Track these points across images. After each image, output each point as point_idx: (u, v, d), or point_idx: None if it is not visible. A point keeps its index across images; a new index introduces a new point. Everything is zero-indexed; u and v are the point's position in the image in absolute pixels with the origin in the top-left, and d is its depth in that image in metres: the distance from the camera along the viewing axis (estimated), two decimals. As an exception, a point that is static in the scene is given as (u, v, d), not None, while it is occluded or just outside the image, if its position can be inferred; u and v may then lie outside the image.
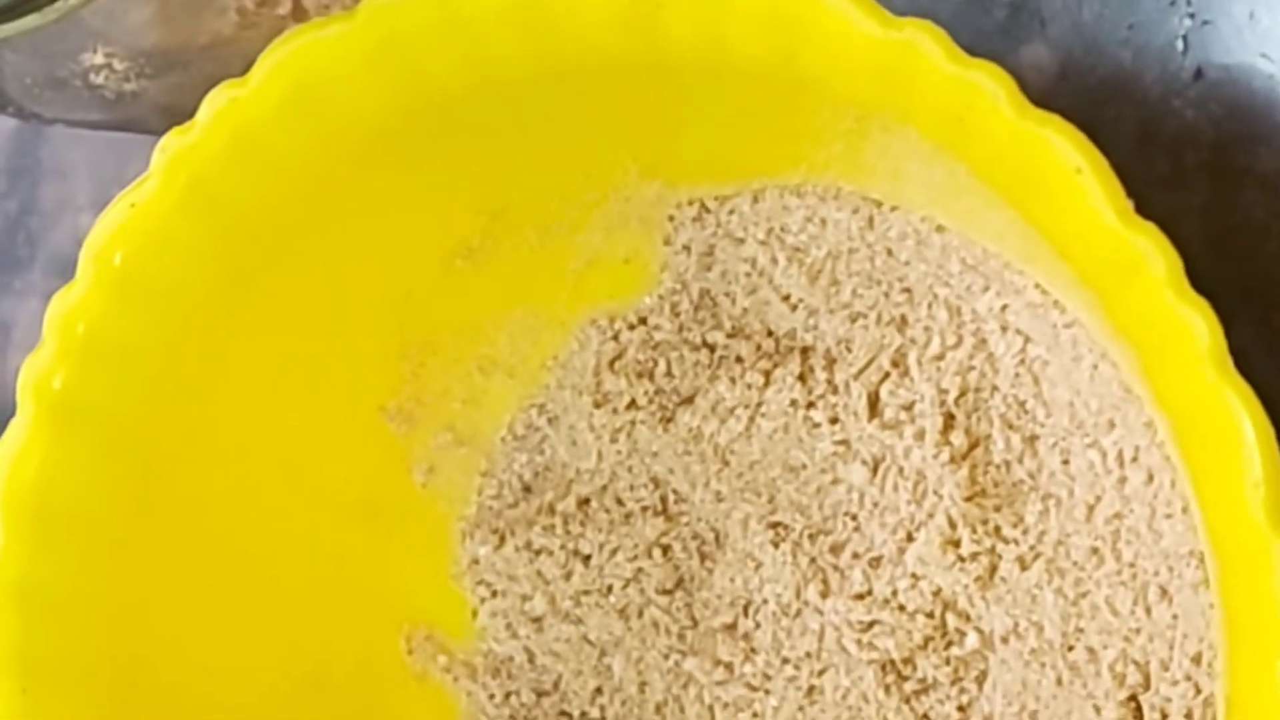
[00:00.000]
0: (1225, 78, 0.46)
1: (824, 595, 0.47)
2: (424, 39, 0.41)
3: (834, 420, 0.47)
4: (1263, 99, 0.45)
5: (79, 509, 0.43)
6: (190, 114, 0.42)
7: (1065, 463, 0.45)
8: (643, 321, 0.49)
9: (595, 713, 0.49)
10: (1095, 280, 0.39)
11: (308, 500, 0.48)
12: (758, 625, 0.48)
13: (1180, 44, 0.46)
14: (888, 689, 0.46)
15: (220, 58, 0.44)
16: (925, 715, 0.46)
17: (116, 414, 0.43)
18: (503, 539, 0.50)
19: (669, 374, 0.49)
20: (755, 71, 0.41)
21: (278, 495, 0.48)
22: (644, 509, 0.49)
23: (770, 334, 0.48)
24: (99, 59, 0.44)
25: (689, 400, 0.49)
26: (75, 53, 0.44)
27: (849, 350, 0.47)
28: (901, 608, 0.46)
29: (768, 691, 0.48)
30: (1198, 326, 0.36)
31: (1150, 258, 0.37)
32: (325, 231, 0.45)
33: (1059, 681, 0.44)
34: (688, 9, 0.40)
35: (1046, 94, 0.47)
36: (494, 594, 0.50)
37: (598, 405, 0.50)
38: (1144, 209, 0.37)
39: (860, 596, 0.46)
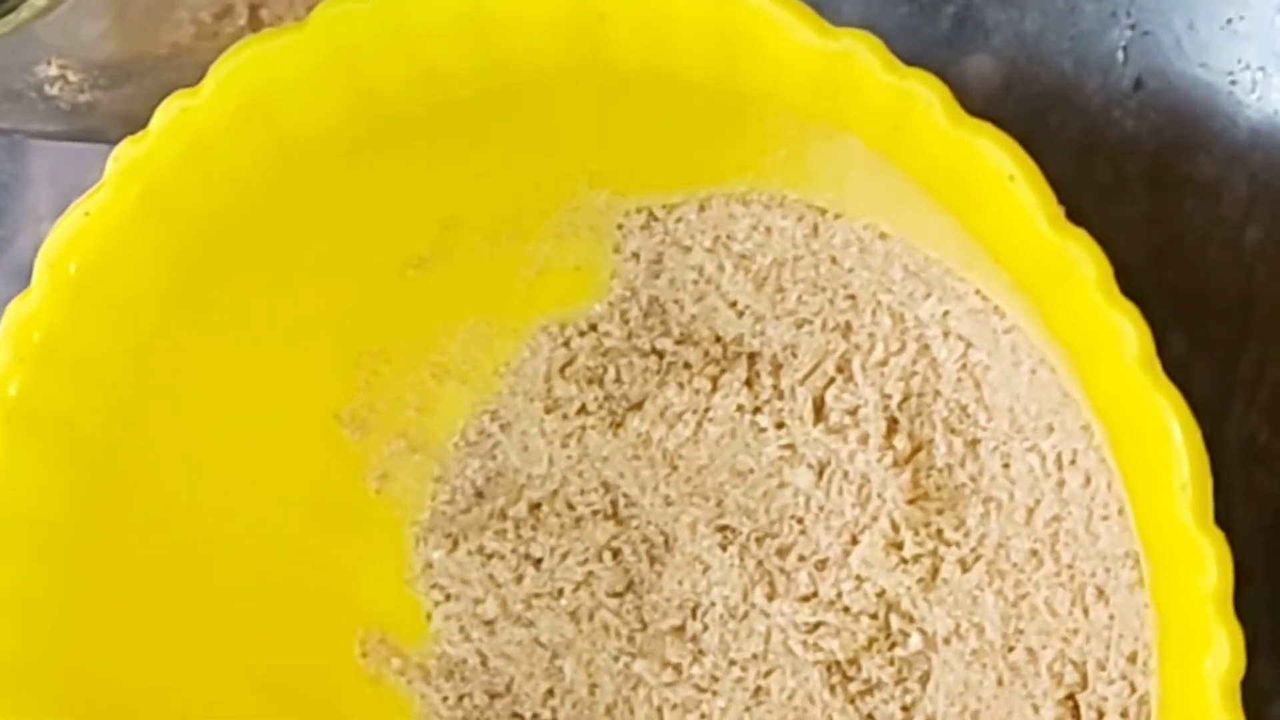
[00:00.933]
0: (1165, 87, 0.46)
1: (770, 597, 0.47)
2: (373, 51, 0.41)
3: (780, 425, 0.48)
4: (1202, 108, 0.46)
5: (34, 514, 0.43)
6: (148, 124, 0.42)
7: (1006, 466, 0.45)
8: (593, 328, 0.50)
9: (547, 714, 0.50)
10: (1030, 286, 0.39)
11: (263, 506, 0.49)
12: (706, 627, 0.48)
13: (1121, 54, 0.46)
14: (833, 689, 0.46)
15: (178, 68, 0.45)
16: (870, 715, 0.46)
17: (72, 421, 0.44)
18: (455, 543, 0.50)
19: (618, 380, 0.49)
20: (699, 82, 0.42)
21: (233, 501, 0.48)
22: (594, 513, 0.49)
23: (718, 340, 0.49)
24: (53, 71, 0.44)
25: (638, 406, 0.49)
26: (29, 65, 0.44)
27: (795, 356, 0.48)
28: (846, 609, 0.46)
29: (715, 693, 0.48)
30: (1126, 331, 0.37)
31: (1080, 263, 0.37)
32: (279, 241, 0.45)
33: (1000, 682, 0.45)
34: (631, 22, 0.40)
35: (991, 104, 0.48)
36: (447, 597, 0.50)
37: (549, 411, 0.50)
38: (1086, 218, 0.38)
39: (806, 598, 0.47)
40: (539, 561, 0.50)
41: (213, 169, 0.43)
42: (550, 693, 0.50)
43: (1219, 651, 0.36)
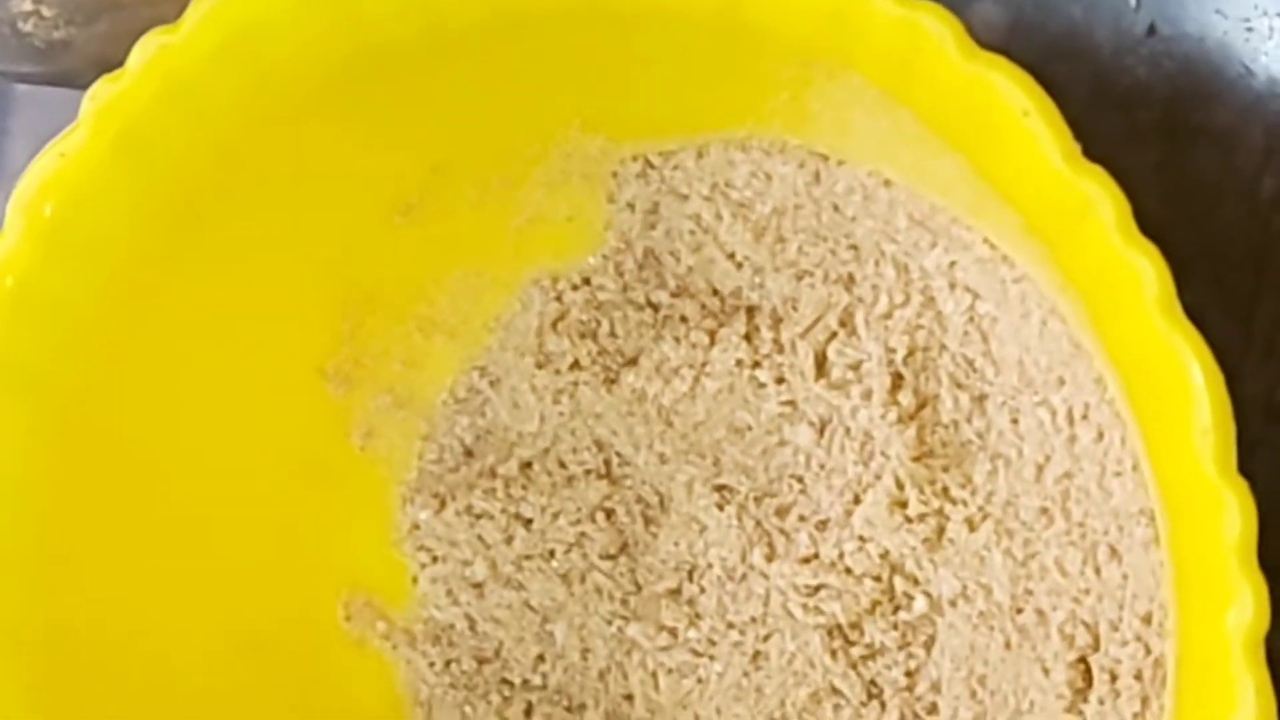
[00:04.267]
0: (1179, 34, 0.45)
1: (770, 559, 0.46)
2: (362, -18, 0.40)
3: (780, 380, 0.47)
4: (1217, 55, 0.45)
5: (8, 466, 0.42)
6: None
7: (1014, 421, 0.44)
8: (586, 281, 0.49)
9: (537, 680, 0.49)
10: (1043, 227, 0.38)
11: (243, 462, 0.48)
12: (702, 590, 0.47)
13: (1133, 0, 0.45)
14: (834, 654, 0.45)
15: (155, 3, 0.44)
16: (872, 680, 0.45)
17: (47, 368, 0.42)
18: (443, 503, 0.49)
19: (612, 334, 0.48)
20: (698, 18, 0.40)
21: (213, 456, 0.47)
22: (587, 472, 0.49)
23: (715, 293, 0.48)
24: (27, 5, 0.44)
25: (633, 361, 0.48)
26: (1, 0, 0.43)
27: (795, 309, 0.47)
28: (848, 571, 0.45)
29: (712, 657, 0.47)
30: (1145, 271, 0.36)
31: (1098, 202, 0.36)
32: (260, 183, 0.44)
33: (1008, 644, 0.44)
34: (628, -47, 0.40)
35: (996, 51, 0.46)
36: (434, 559, 0.49)
37: (540, 367, 0.49)
38: (1096, 164, 0.36)
39: (806, 560, 0.46)
40: (529, 522, 0.49)
41: (192, 108, 0.42)
42: (541, 658, 0.49)
43: (1242, 604, 0.34)
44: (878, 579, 0.45)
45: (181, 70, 0.41)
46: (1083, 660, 0.42)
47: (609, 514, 0.48)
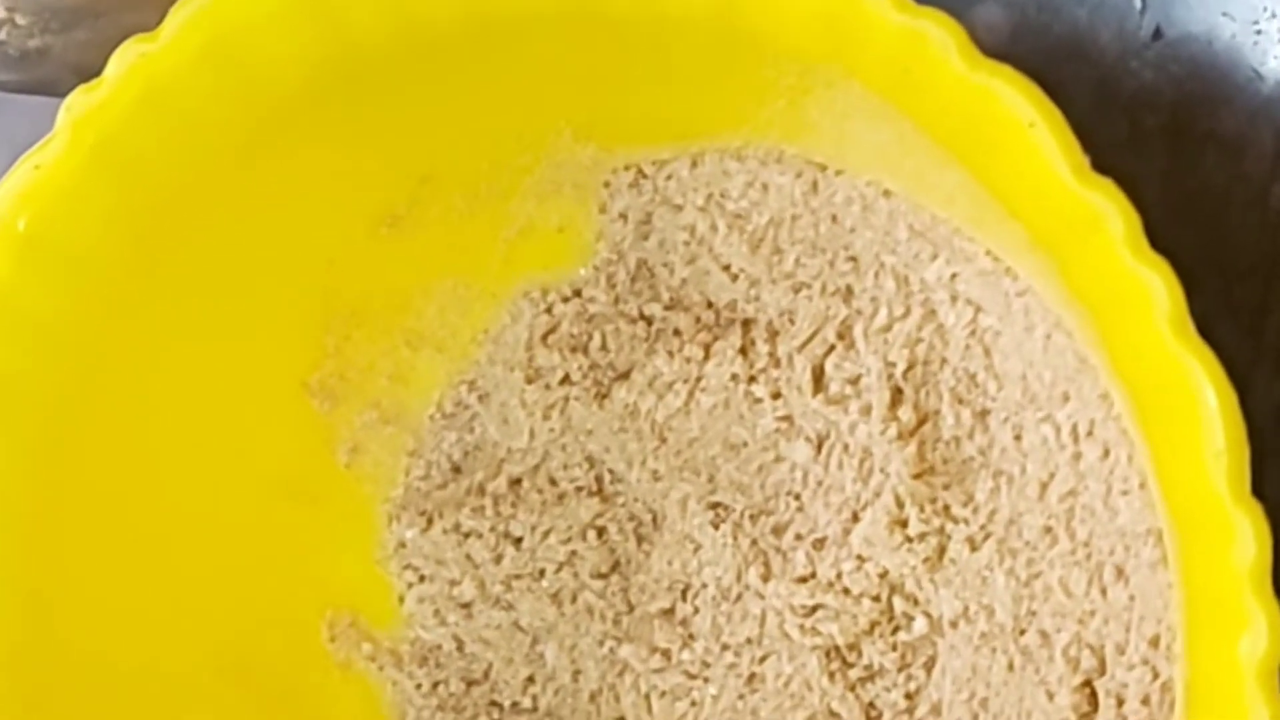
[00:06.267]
0: (1185, 37, 0.45)
1: (765, 579, 0.46)
2: (345, -14, 0.40)
3: (776, 395, 0.46)
4: (1225, 59, 0.44)
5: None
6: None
7: (1017, 438, 0.43)
8: (577, 293, 0.48)
9: (527, 702, 0.48)
10: (1049, 241, 0.37)
11: (225, 478, 0.47)
12: (696, 610, 0.47)
13: (1139, 2, 0.45)
14: (832, 676, 0.45)
15: (135, 9, 0.43)
16: (871, 703, 0.45)
17: (22, 383, 0.42)
18: (430, 521, 0.49)
19: (604, 348, 0.48)
20: (693, 22, 0.40)
21: (194, 472, 0.46)
22: (578, 489, 0.48)
23: (710, 305, 0.47)
24: (1, 13, 0.43)
25: (625, 375, 0.48)
26: (-27, 8, 0.42)
27: (792, 322, 0.46)
28: (846, 591, 0.45)
29: (706, 679, 0.46)
30: (1156, 287, 0.35)
31: (1107, 215, 0.35)
32: (242, 195, 0.43)
33: (1010, 667, 0.43)
34: (620, -44, 0.39)
35: (999, 55, 0.45)
36: (421, 579, 0.49)
37: (530, 381, 0.48)
38: (1101, 172, 0.36)
39: (803, 580, 0.45)
40: (519, 540, 0.48)
41: (172, 119, 0.41)
42: (531, 679, 0.48)
43: (1256, 633, 0.34)
44: (876, 599, 0.45)
45: (161, 79, 0.40)
46: (1088, 684, 0.42)
47: (600, 532, 0.48)
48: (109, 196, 0.41)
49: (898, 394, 0.45)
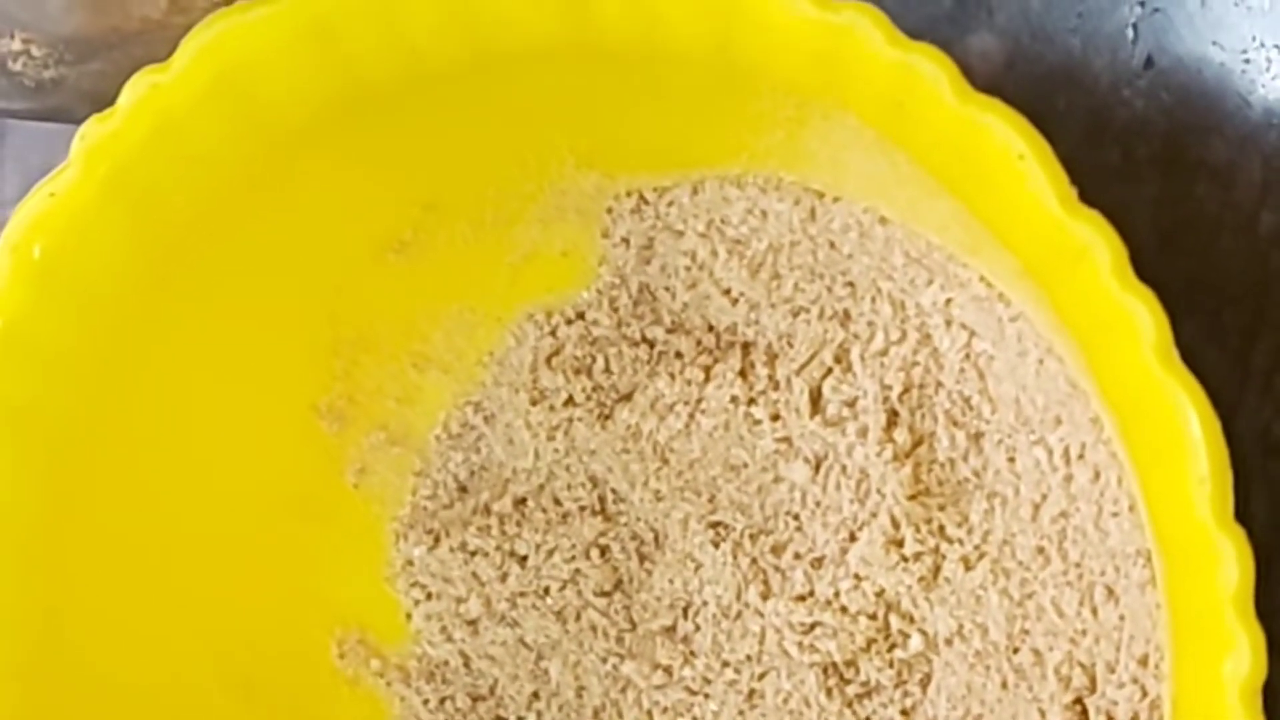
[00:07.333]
0: (1177, 66, 0.45)
1: (765, 597, 0.46)
2: (350, 22, 0.40)
3: (775, 417, 0.46)
4: (1215, 88, 0.44)
5: (-1, 506, 0.42)
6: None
7: (1011, 460, 0.44)
8: (580, 316, 0.48)
9: (532, 718, 0.49)
10: (1039, 270, 0.38)
11: (236, 500, 0.47)
12: (697, 628, 0.47)
13: (1130, 32, 0.45)
14: (830, 692, 0.45)
15: (147, 43, 0.44)
16: (868, 719, 0.45)
17: (34, 412, 0.42)
18: (437, 540, 0.49)
19: (607, 370, 0.48)
20: (692, 57, 0.40)
21: (205, 495, 0.47)
22: (582, 509, 0.48)
23: (711, 329, 0.47)
24: (17, 45, 0.43)
25: (627, 397, 0.48)
26: (-8, 39, 0.43)
27: (791, 345, 0.46)
28: (844, 609, 0.45)
29: (707, 695, 0.47)
30: (1142, 317, 0.35)
31: (1094, 246, 0.36)
32: (252, 223, 0.44)
33: (1004, 684, 0.43)
34: (619, -9, 0.39)
35: (993, 84, 0.46)
36: (428, 596, 0.49)
37: (534, 402, 0.49)
38: (1093, 201, 0.36)
39: (802, 598, 0.46)
40: (524, 559, 0.48)
41: (183, 148, 0.41)
42: (535, 695, 0.49)
43: (1239, 655, 0.34)
44: (873, 617, 0.45)
45: (172, 109, 0.40)
46: (1079, 702, 0.42)
47: (604, 551, 0.48)
48: (122, 223, 0.42)
49: (894, 416, 0.45)
